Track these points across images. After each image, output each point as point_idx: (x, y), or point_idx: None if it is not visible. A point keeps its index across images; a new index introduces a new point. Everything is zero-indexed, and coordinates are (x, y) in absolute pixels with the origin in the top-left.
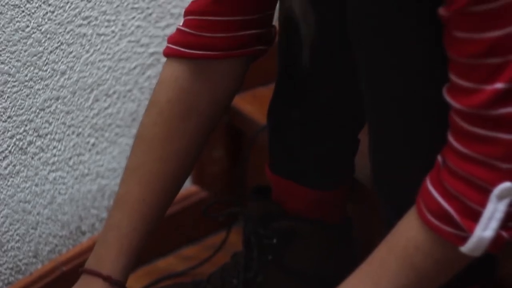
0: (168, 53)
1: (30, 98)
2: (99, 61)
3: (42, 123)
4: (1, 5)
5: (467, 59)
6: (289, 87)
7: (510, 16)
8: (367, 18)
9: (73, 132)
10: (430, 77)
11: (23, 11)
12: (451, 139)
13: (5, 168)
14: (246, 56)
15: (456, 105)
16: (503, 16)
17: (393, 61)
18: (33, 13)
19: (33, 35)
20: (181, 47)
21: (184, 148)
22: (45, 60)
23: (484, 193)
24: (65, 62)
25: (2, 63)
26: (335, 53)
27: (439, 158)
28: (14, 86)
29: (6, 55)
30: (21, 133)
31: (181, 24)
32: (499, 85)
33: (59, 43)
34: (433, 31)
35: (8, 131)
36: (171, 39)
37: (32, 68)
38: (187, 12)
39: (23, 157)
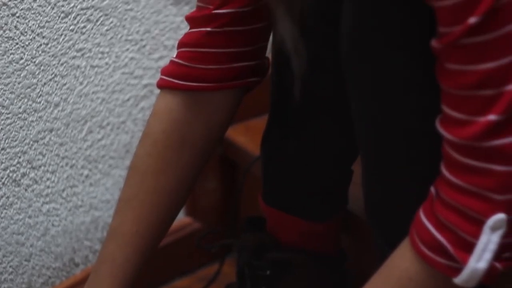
0: (161, 85)
1: (23, 130)
2: (93, 92)
3: (36, 155)
4: None
5: (460, 90)
6: (282, 118)
7: (502, 48)
8: (361, 47)
9: (66, 164)
10: (425, 108)
11: (17, 43)
12: (444, 170)
13: None
14: (239, 88)
15: (449, 137)
16: (495, 49)
17: (388, 92)
18: (27, 45)
19: (27, 67)
20: (174, 79)
21: (178, 180)
22: (39, 92)
23: (477, 225)
24: (58, 94)
25: None
26: (327, 85)
27: (432, 189)
28: (8, 118)
29: (0, 87)
30: (14, 165)
31: (174, 56)
32: (492, 117)
33: (53, 75)
34: (430, 62)
35: (2, 163)
36: (165, 71)
37: (26, 100)
38: (181, 44)
39: (16, 189)
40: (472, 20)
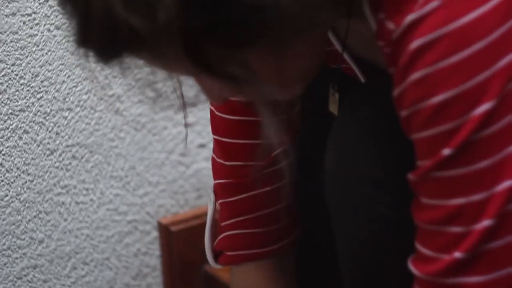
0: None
1: (7, 267)
2: (77, 229)
3: None
4: None
5: (430, 225)
6: None
7: (473, 184)
8: (342, 183)
9: None
10: (399, 246)
11: (2, 181)
12: None
13: None
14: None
15: (416, 273)
16: (466, 184)
17: (366, 229)
18: (12, 183)
19: (11, 204)
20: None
21: None
22: (23, 228)
23: None
24: (43, 230)
25: None
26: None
27: None
28: None
29: None
30: None
31: None
32: (457, 254)
33: (37, 212)
34: (409, 199)
35: None
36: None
37: (10, 237)
38: None
39: None
40: (446, 152)
